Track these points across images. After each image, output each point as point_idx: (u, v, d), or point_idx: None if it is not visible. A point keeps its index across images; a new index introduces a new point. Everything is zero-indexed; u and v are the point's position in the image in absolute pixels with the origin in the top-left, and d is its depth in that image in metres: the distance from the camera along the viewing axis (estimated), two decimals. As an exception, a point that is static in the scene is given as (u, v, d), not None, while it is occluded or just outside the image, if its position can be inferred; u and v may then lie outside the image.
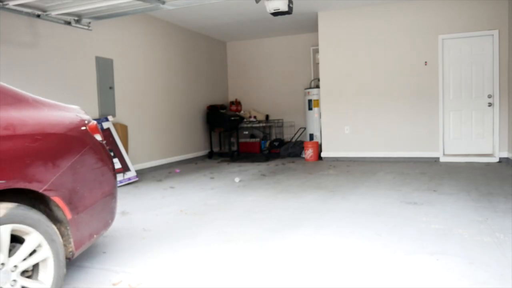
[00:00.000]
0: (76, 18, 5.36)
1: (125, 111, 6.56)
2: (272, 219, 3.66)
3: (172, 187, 5.42)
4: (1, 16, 4.65)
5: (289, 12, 4.82)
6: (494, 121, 6.74)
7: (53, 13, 4.95)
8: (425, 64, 7.03)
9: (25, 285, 1.86)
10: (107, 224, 2.54)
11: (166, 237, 3.24)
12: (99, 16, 5.37)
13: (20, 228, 1.84)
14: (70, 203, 2.13)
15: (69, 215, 2.12)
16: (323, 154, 7.79)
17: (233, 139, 9.50)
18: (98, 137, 2.51)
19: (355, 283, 2.28)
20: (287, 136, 9.50)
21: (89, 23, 5.56)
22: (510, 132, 6.49)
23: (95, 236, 2.40)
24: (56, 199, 2.05)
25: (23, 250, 1.86)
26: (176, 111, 7.97)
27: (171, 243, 3.09)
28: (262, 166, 7.18)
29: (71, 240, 2.16)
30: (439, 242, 2.87)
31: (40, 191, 1.95)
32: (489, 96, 6.75)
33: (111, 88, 6.31)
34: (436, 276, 2.32)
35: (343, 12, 7.49)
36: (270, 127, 9.78)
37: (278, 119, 9.64)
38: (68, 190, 2.13)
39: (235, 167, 7.28)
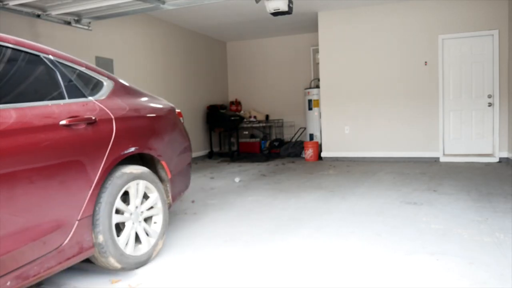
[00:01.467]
0: (76, 18, 5.36)
1: (125, 111, 6.55)
2: (272, 219, 3.66)
3: (172, 187, 5.42)
4: (1, 16, 4.65)
5: (289, 12, 4.82)
6: (494, 121, 6.74)
7: (53, 13, 4.95)
8: (425, 64, 7.03)
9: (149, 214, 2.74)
10: (186, 186, 3.33)
11: (165, 237, 3.24)
12: (99, 16, 5.37)
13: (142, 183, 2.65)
14: (169, 166, 2.93)
15: (169, 175, 2.94)
16: (323, 154, 7.79)
17: (233, 139, 9.50)
18: (181, 120, 3.31)
19: (356, 283, 2.28)
20: (287, 136, 9.50)
21: (89, 23, 5.56)
22: (510, 132, 6.49)
23: (181, 193, 3.23)
24: (163, 163, 2.87)
25: (137, 190, 2.60)
26: (176, 111, 7.96)
27: (171, 243, 3.09)
28: (262, 166, 7.18)
29: (169, 194, 2.98)
30: (439, 242, 2.87)
31: (155, 156, 2.79)
32: (489, 96, 6.75)
33: (111, 88, 6.31)
34: (436, 276, 2.32)
35: (343, 12, 7.49)
36: (270, 127, 9.79)
37: (278, 119, 9.64)
38: (169, 157, 2.94)
39: (235, 167, 7.29)
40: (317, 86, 8.37)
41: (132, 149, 2.53)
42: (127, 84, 2.82)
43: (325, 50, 7.70)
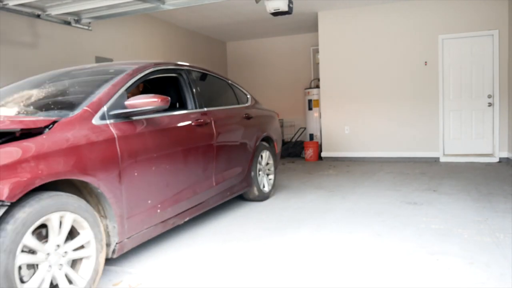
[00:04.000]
0: (76, 18, 5.36)
1: (125, 111, 6.54)
2: (272, 219, 3.66)
3: (172, 187, 5.41)
4: (1, 16, 4.65)
5: (289, 12, 4.82)
6: (494, 121, 6.74)
7: (53, 13, 4.95)
8: (425, 64, 7.02)
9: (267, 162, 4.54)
10: (277, 165, 4.88)
11: (166, 236, 3.25)
12: (99, 16, 5.36)
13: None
14: (277, 145, 4.75)
15: (277, 151, 4.74)
16: (323, 154, 7.79)
17: (233, 139, 9.50)
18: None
19: (356, 283, 2.28)
20: (287, 136, 9.49)
21: (89, 23, 5.56)
22: (510, 132, 6.49)
23: (277, 167, 4.88)
24: (275, 143, 4.67)
25: (264, 156, 4.43)
26: (176, 111, 7.97)
27: (172, 243, 3.09)
28: (262, 166, 7.17)
29: (275, 163, 4.70)
30: (439, 242, 2.87)
31: (273, 138, 4.60)
32: (489, 96, 6.75)
33: (112, 88, 6.32)
34: (436, 276, 2.32)
35: (343, 12, 7.49)
36: (270, 127, 9.77)
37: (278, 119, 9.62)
38: (276, 138, 4.71)
39: (235, 167, 7.27)
40: (317, 86, 8.37)
41: (265, 134, 4.37)
42: (252, 95, 4.66)
43: (325, 50, 7.69)
